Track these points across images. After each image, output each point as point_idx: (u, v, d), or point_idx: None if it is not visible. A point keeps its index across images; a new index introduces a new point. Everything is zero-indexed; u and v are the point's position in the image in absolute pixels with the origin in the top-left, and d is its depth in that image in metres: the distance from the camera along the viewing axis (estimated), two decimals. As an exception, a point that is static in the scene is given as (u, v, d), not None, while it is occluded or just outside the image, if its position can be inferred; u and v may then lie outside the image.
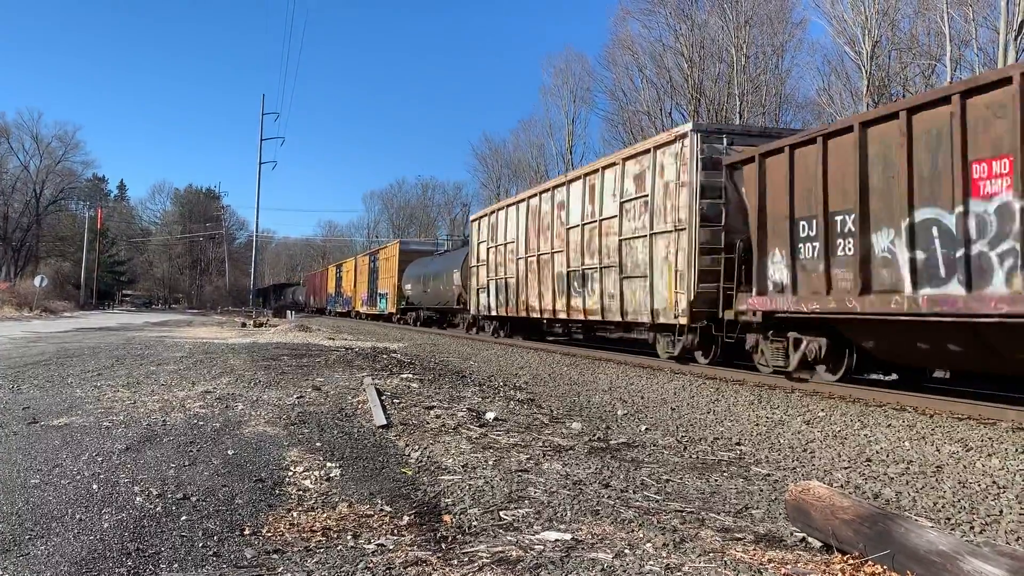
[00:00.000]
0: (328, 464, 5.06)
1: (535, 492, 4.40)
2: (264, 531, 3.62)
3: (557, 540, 3.48)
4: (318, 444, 5.71)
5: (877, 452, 6.05)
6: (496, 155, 68.60)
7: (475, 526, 3.74)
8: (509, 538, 3.52)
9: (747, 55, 40.08)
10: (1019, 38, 26.27)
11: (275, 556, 3.27)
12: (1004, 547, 2.88)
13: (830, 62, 37.00)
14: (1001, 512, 4.36)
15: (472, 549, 3.36)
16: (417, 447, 5.67)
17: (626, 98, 47.19)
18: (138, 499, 4.05)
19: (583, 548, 3.36)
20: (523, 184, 62.44)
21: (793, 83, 41.85)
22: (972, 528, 4.08)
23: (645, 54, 44.86)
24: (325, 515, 3.92)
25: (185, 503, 4.02)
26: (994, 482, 5.05)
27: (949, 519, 4.25)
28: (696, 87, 41.59)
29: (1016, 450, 6.00)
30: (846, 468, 5.50)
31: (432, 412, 7.20)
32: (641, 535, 3.58)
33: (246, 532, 3.59)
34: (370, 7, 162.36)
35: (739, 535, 3.67)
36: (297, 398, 8.00)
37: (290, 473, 4.81)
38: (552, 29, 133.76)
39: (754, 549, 3.40)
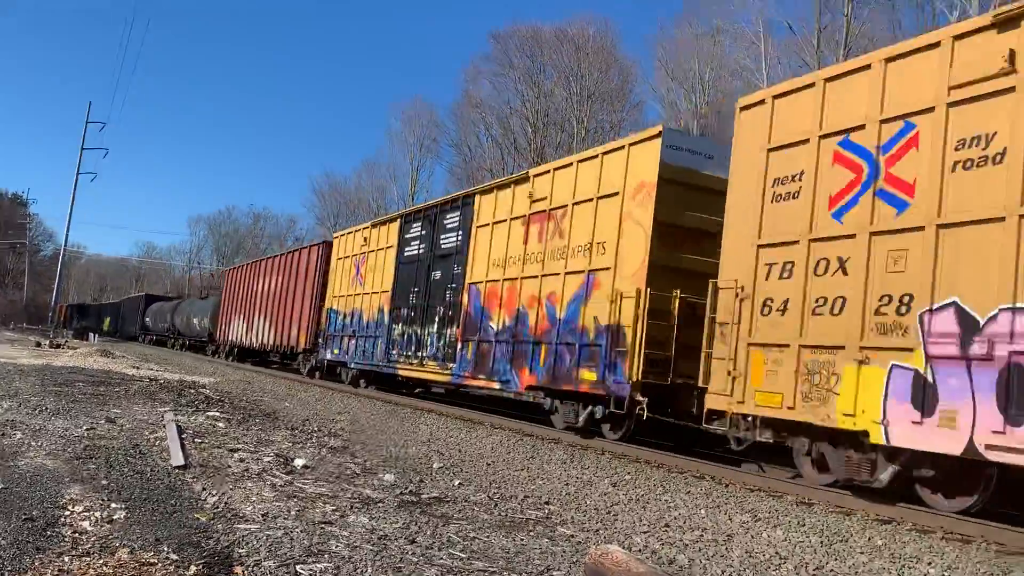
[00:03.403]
0: (113, 504, 4.65)
1: (337, 546, 4.24)
2: (26, 578, 3.26)
3: (354, 598, 3.35)
4: (104, 482, 5.25)
5: (675, 518, 6.31)
6: (336, 192, 67.42)
7: (268, 580, 3.54)
8: (303, 594, 3.35)
9: (587, 128, 42.00)
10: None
11: (35, 607, 2.94)
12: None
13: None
14: (780, 581, 4.64)
15: (262, 605, 3.18)
16: (215, 491, 5.34)
17: (471, 153, 48.13)
18: None
19: (380, 607, 3.26)
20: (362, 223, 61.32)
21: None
22: (754, 596, 4.30)
23: (492, 114, 46.09)
24: (102, 561, 3.59)
25: (-66, 543, 3.56)
26: (777, 552, 5.38)
27: (734, 587, 4.47)
28: (538, 152, 42.95)
29: (798, 523, 6.44)
30: (645, 532, 5.69)
31: (236, 455, 6.83)
32: (441, 595, 3.51)
33: (4, 579, 3.22)
34: (212, 34, 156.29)
35: (538, 597, 3.67)
36: (87, 429, 7.36)
37: (67, 512, 4.38)
38: (402, 75, 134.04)
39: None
